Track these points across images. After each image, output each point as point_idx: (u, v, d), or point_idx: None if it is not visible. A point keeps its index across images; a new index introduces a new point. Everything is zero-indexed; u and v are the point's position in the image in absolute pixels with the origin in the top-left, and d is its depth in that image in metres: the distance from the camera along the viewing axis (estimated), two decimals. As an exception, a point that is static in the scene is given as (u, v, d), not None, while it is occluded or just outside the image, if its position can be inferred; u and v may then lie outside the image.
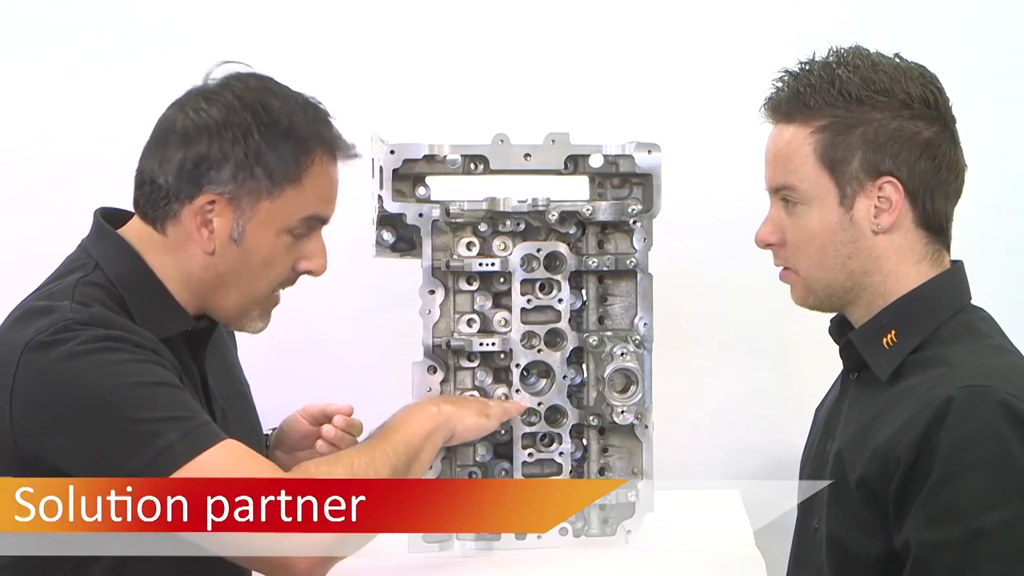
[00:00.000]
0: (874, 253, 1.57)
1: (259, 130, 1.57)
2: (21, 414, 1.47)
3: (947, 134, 1.58)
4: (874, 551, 1.50)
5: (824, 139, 1.57)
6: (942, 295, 1.58)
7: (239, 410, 1.74)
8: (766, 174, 1.64)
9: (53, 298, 1.54)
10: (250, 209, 1.58)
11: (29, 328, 1.49)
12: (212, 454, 1.45)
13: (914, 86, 1.56)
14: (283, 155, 1.58)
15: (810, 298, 1.64)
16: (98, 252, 1.61)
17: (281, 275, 1.64)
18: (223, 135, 1.56)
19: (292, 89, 1.64)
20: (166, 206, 1.58)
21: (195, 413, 1.49)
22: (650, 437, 1.96)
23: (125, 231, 1.63)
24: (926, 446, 1.44)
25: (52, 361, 1.46)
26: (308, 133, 1.60)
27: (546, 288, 1.93)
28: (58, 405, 1.46)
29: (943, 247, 1.60)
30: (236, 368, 1.82)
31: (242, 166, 1.56)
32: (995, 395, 1.45)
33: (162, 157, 1.58)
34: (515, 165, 1.93)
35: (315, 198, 1.62)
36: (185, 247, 1.59)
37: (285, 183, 1.59)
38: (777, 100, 1.62)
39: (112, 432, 1.45)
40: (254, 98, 1.59)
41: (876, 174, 1.56)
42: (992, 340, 1.57)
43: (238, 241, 1.59)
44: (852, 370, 1.65)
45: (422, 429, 1.69)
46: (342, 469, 1.53)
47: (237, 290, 1.62)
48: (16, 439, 1.48)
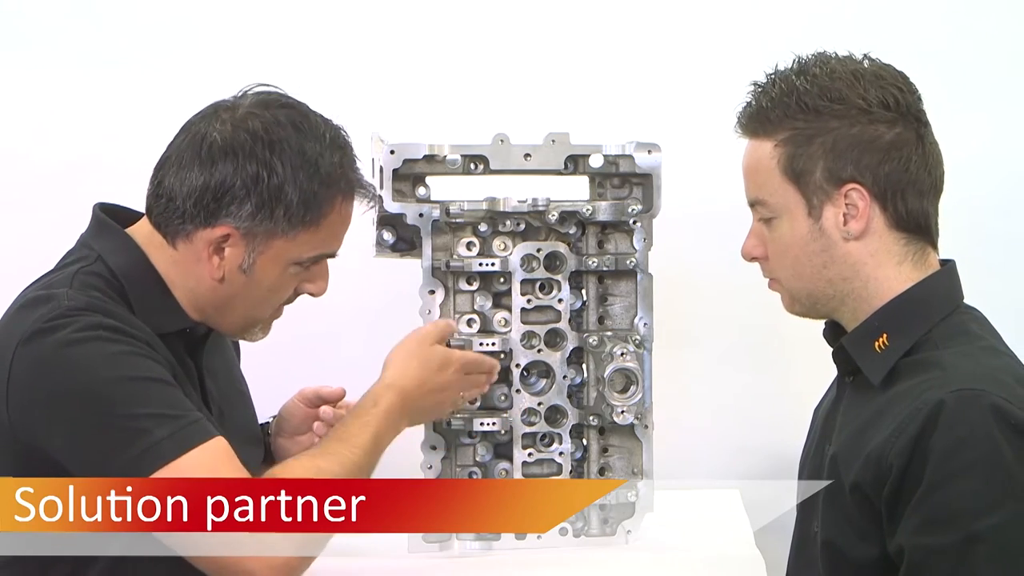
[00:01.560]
0: (849, 260, 1.58)
1: (284, 169, 1.55)
2: (17, 403, 1.48)
3: (911, 133, 1.57)
4: (869, 556, 1.50)
5: (786, 152, 1.58)
6: (933, 296, 1.58)
7: (236, 408, 1.74)
8: (744, 188, 1.66)
9: (51, 287, 1.54)
10: (263, 244, 1.58)
11: (27, 318, 1.50)
12: (195, 457, 1.45)
13: (872, 90, 1.56)
14: (305, 198, 1.57)
15: (796, 306, 1.65)
16: (101, 246, 1.60)
17: (283, 298, 1.65)
18: (247, 168, 1.55)
19: (321, 121, 1.61)
20: (180, 225, 1.58)
21: (184, 411, 1.49)
22: (650, 437, 1.96)
23: (133, 230, 1.63)
24: (918, 451, 1.44)
25: (48, 349, 1.47)
26: (333, 178, 1.59)
27: (546, 288, 1.93)
28: (52, 393, 1.47)
29: (927, 245, 1.60)
30: (234, 366, 1.83)
31: (263, 205, 1.55)
32: (986, 399, 1.44)
33: (183, 177, 1.56)
34: (515, 165, 1.93)
35: (329, 238, 1.63)
36: (193, 267, 1.59)
37: (302, 225, 1.58)
38: (745, 115, 1.63)
39: (103, 425, 1.46)
40: (283, 134, 1.57)
41: (839, 182, 1.56)
42: (985, 342, 1.56)
43: (247, 272, 1.59)
44: (846, 374, 1.65)
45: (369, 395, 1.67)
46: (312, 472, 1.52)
47: (241, 312, 1.63)
48: (13, 428, 1.49)
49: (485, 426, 1.90)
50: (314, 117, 1.61)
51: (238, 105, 1.60)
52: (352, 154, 1.64)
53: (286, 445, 1.81)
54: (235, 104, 1.60)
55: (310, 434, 1.79)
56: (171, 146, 1.60)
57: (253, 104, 1.59)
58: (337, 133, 1.62)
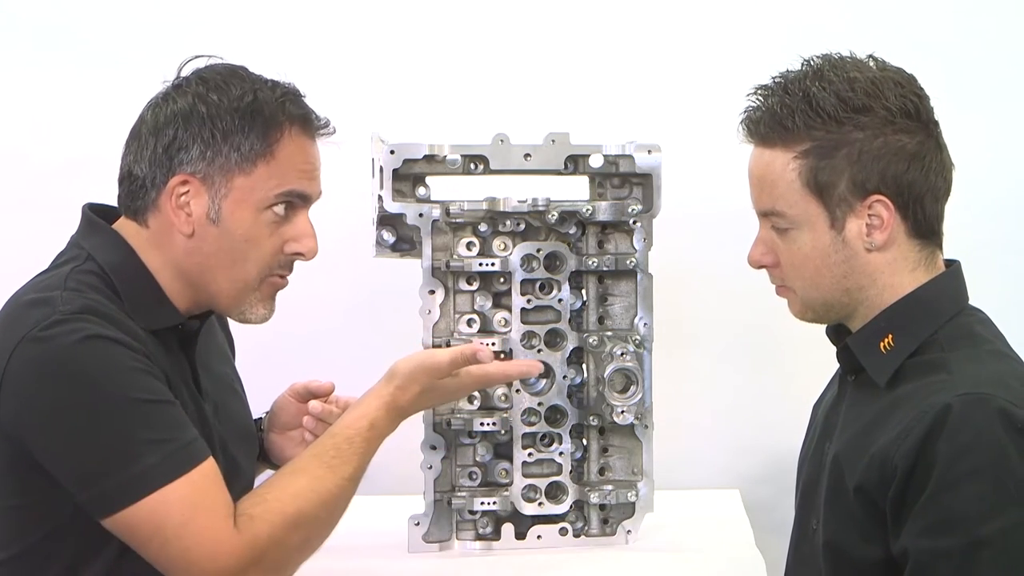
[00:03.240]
0: (868, 269, 1.56)
1: (224, 108, 1.59)
2: (11, 410, 1.48)
3: (932, 140, 1.56)
4: (872, 557, 1.50)
5: (808, 164, 1.54)
6: (939, 298, 1.57)
7: (230, 406, 1.74)
8: (752, 196, 1.62)
9: (46, 289, 1.54)
10: (224, 187, 1.59)
11: (21, 323, 1.49)
12: (180, 488, 1.46)
13: (893, 98, 1.53)
14: (251, 130, 1.59)
15: (808, 314, 1.63)
16: (90, 244, 1.61)
17: (267, 255, 1.62)
18: (191, 119, 1.59)
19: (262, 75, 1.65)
20: (144, 196, 1.60)
21: (177, 433, 1.49)
22: (650, 437, 1.96)
23: (119, 226, 1.64)
24: (924, 454, 1.44)
25: (44, 357, 1.47)
26: (274, 108, 1.60)
27: (546, 288, 1.93)
28: (47, 403, 1.46)
29: (936, 247, 1.59)
30: (228, 364, 1.82)
31: (210, 144, 1.58)
32: (993, 403, 1.44)
33: (136, 151, 1.61)
34: (515, 165, 1.93)
35: (291, 172, 1.62)
36: (168, 236, 1.60)
37: (256, 158, 1.59)
38: (755, 121, 1.58)
39: (93, 445, 1.46)
40: (220, 80, 1.61)
41: (865, 194, 1.54)
42: (990, 345, 1.56)
43: (216, 221, 1.59)
44: (850, 373, 1.64)
45: (365, 417, 1.62)
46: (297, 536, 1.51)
47: (224, 273, 1.61)
48: (6, 435, 1.48)
49: (485, 426, 1.90)
50: (253, 72, 1.65)
51: (178, 78, 1.64)
52: (296, 91, 1.65)
53: (278, 440, 1.82)
54: (175, 79, 1.65)
55: (300, 429, 1.79)
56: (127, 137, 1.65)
57: (192, 73, 1.64)
58: (278, 80, 1.65)
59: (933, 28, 2.42)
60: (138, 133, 1.62)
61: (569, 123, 1.97)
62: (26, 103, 2.42)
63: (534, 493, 1.94)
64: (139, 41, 2.41)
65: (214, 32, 2.40)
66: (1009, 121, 2.44)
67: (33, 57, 2.42)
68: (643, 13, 2.45)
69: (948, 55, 2.38)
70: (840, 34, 1.73)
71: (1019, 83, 2.45)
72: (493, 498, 1.92)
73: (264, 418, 1.85)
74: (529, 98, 2.41)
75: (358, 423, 1.61)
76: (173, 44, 2.40)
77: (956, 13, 2.45)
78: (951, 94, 1.64)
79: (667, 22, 2.45)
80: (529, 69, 2.43)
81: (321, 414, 1.75)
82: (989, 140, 2.40)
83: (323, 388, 1.79)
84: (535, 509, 1.94)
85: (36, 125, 2.42)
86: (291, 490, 1.53)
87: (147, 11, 2.42)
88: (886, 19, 2.42)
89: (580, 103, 2.40)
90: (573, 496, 1.95)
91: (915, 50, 1.66)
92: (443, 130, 2.01)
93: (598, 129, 2.02)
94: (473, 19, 2.45)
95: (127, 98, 2.38)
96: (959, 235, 1.67)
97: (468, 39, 2.44)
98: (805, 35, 2.37)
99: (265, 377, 1.89)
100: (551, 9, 2.45)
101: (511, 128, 1.94)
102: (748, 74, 1.65)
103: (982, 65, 2.43)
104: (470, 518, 1.94)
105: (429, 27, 2.44)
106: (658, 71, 2.44)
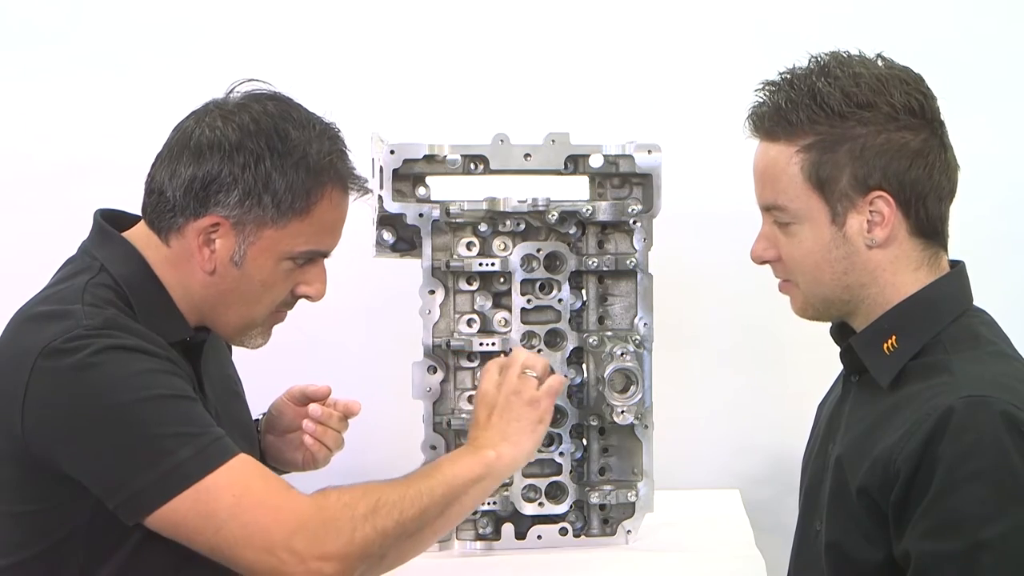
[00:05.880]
0: (869, 266, 1.56)
1: (272, 158, 1.56)
2: (33, 421, 1.47)
3: (936, 139, 1.55)
4: (875, 559, 1.50)
5: (810, 158, 1.54)
6: (943, 299, 1.57)
7: (233, 411, 1.74)
8: (755, 191, 1.63)
9: (63, 302, 1.53)
10: (253, 235, 1.58)
11: (42, 334, 1.49)
12: (222, 475, 1.46)
13: (898, 95, 1.53)
14: (293, 186, 1.57)
15: (809, 310, 1.63)
16: (103, 255, 1.60)
17: (279, 297, 1.64)
18: (235, 158, 1.55)
19: (312, 114, 1.62)
20: (171, 219, 1.58)
21: (207, 428, 1.49)
22: (650, 437, 1.96)
23: (130, 235, 1.63)
24: (927, 457, 1.43)
25: (67, 369, 1.46)
26: (321, 166, 1.58)
27: (546, 288, 1.93)
28: (72, 415, 1.46)
29: (940, 248, 1.59)
30: (230, 368, 1.83)
31: (250, 193, 1.55)
32: (996, 405, 1.43)
33: (173, 170, 1.57)
34: (515, 165, 1.93)
35: (321, 232, 1.62)
36: (187, 262, 1.59)
37: (291, 214, 1.58)
38: (759, 115, 1.58)
39: (125, 446, 1.46)
40: (271, 124, 1.57)
41: (866, 189, 1.54)
42: (994, 346, 1.55)
43: (239, 264, 1.59)
44: (853, 373, 1.64)
45: (470, 473, 1.59)
46: (366, 504, 1.49)
47: (236, 310, 1.62)
48: (27, 445, 1.48)
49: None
50: (303, 110, 1.62)
51: (227, 100, 1.61)
52: (343, 146, 1.63)
53: (276, 443, 1.82)
54: (225, 100, 1.62)
55: (298, 432, 1.79)
56: (164, 145, 1.61)
57: (242, 98, 1.61)
58: (327, 126, 1.63)
59: (933, 28, 2.42)
60: (176, 152, 1.58)
61: (569, 123, 1.97)
62: (30, 106, 2.42)
63: (534, 493, 1.94)
64: (142, 44, 2.41)
65: (217, 34, 2.41)
66: (1015, 121, 2.44)
67: (37, 60, 2.42)
68: (643, 13, 2.45)
69: (954, 56, 2.38)
70: (840, 34, 1.73)
71: (1019, 83, 2.46)
72: (493, 498, 1.92)
73: (261, 420, 1.85)
74: (529, 98, 2.41)
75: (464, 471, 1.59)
76: (176, 47, 2.40)
77: (962, 14, 2.45)
78: (957, 94, 1.64)
79: (667, 22, 2.45)
80: (529, 69, 2.43)
81: (321, 417, 1.76)
82: (994, 139, 2.39)
83: (320, 392, 1.80)
84: (535, 509, 1.94)
85: (40, 128, 2.42)
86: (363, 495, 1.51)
87: (149, 14, 2.42)
88: (887, 16, 2.42)
89: (580, 103, 2.40)
90: (573, 496, 1.95)
91: (922, 50, 1.66)
92: (443, 130, 2.01)
93: (598, 129, 2.02)
94: (473, 19, 2.45)
95: (131, 101, 2.40)
96: (963, 235, 1.67)
97: (468, 39, 2.44)
98: (805, 35, 2.36)
99: (265, 377, 1.89)
100: (551, 9, 2.45)
101: (511, 128, 1.94)
102: (748, 74, 1.65)
103: (988, 66, 2.43)
104: (470, 518, 1.94)
105: (429, 27, 2.44)
106: (658, 71, 2.44)
